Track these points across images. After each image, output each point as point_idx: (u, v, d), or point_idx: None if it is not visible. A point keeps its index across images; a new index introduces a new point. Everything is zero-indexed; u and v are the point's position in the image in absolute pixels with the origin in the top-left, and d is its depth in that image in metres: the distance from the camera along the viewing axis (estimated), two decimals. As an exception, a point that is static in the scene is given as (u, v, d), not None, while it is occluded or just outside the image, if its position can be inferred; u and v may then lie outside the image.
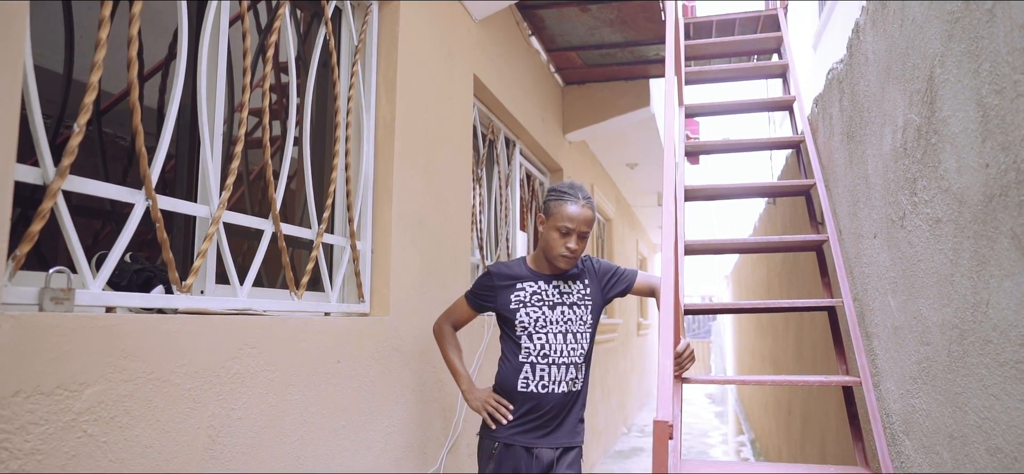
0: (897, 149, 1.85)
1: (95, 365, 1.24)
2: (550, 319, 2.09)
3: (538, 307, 2.10)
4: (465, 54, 3.14)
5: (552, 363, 2.07)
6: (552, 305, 2.11)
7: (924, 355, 1.67)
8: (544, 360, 2.07)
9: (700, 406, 11.61)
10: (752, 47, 4.13)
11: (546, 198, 2.11)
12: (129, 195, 1.45)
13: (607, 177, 7.34)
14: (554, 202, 2.06)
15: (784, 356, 4.75)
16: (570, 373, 2.09)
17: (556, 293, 2.12)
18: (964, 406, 1.43)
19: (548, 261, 2.12)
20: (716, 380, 2.25)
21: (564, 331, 2.10)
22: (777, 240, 2.80)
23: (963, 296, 1.42)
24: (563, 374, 2.08)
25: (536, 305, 2.10)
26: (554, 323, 2.09)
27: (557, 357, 2.07)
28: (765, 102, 3.53)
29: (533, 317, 2.09)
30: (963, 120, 1.39)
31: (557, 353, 2.08)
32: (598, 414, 6.43)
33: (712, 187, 3.03)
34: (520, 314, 2.10)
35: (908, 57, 1.74)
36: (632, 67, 4.86)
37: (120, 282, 1.49)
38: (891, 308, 1.93)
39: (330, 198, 2.21)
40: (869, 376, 2.10)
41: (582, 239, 2.06)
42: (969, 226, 1.38)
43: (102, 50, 1.34)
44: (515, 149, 4.28)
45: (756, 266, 6.81)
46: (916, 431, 1.75)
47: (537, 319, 2.09)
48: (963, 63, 1.38)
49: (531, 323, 2.09)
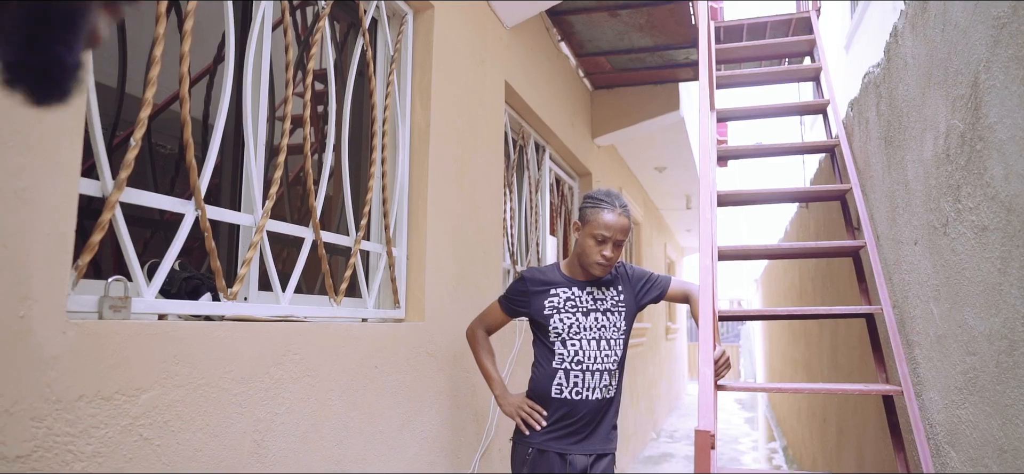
0: (939, 155, 1.82)
1: (150, 371, 1.28)
2: (584, 325, 2.10)
3: (572, 313, 2.10)
4: (497, 61, 3.16)
5: (586, 369, 2.07)
6: (586, 311, 2.11)
7: (970, 365, 1.65)
8: (578, 366, 2.07)
9: (730, 412, 11.47)
10: (784, 50, 4.09)
11: (582, 205, 2.12)
12: (180, 205, 1.49)
13: (635, 180, 7.31)
14: (590, 209, 2.07)
15: (818, 362, 4.68)
16: (604, 380, 2.09)
17: (590, 299, 2.13)
18: (1014, 418, 1.41)
19: (583, 268, 2.13)
20: (754, 387, 2.23)
21: (598, 337, 2.10)
22: (813, 246, 2.77)
23: (1013, 306, 1.39)
24: (597, 381, 2.08)
25: (570, 311, 2.11)
26: (588, 329, 2.09)
27: (591, 364, 2.08)
28: (799, 106, 3.49)
29: (567, 323, 2.10)
30: (1011, 127, 1.37)
31: (591, 359, 2.08)
32: (627, 419, 6.40)
33: (745, 192, 3.01)
34: (554, 320, 2.10)
35: (950, 62, 1.72)
36: (661, 71, 4.84)
37: (170, 290, 1.54)
38: (934, 316, 1.90)
39: (367, 205, 2.25)
40: (911, 385, 2.06)
41: (617, 247, 2.06)
42: (1019, 234, 1.36)
43: (157, 67, 1.39)
44: (545, 154, 4.29)
45: (788, 270, 6.72)
46: (962, 443, 1.72)
47: (571, 325, 2.09)
48: (1011, 68, 1.36)
49: (565, 329, 2.09)
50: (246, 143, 1.71)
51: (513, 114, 3.70)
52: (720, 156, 3.29)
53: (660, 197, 8.44)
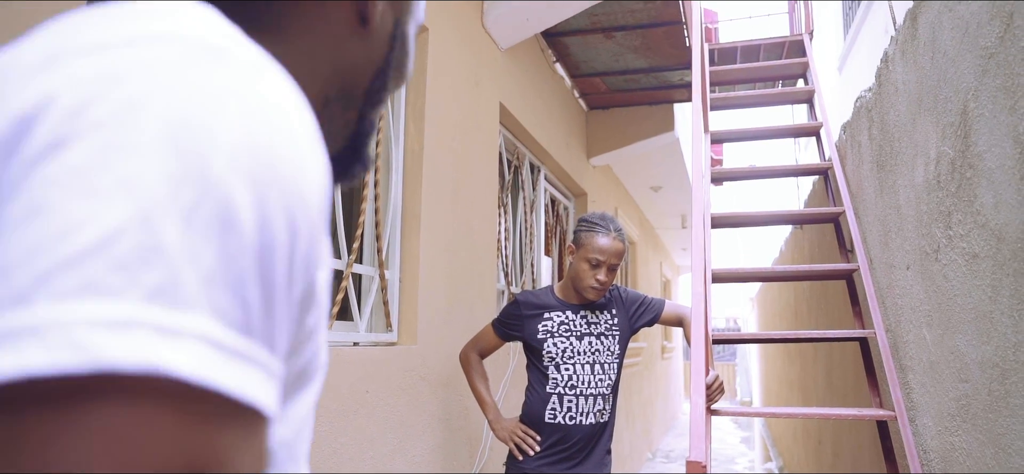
0: (930, 181, 1.83)
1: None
2: (578, 350, 2.09)
3: (566, 337, 2.09)
4: (491, 82, 3.17)
5: (579, 394, 2.06)
6: (580, 336, 2.10)
7: (963, 392, 1.64)
8: (571, 391, 2.06)
9: (726, 432, 11.43)
10: (777, 73, 4.12)
11: (577, 228, 2.12)
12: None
13: (631, 200, 7.33)
14: (585, 233, 2.07)
15: (813, 384, 4.67)
16: (598, 404, 2.08)
17: (584, 323, 2.12)
18: (1007, 447, 1.40)
19: (576, 291, 2.13)
20: (747, 413, 2.22)
21: (592, 362, 2.09)
22: (806, 269, 2.77)
23: (1004, 334, 1.39)
24: (591, 405, 2.07)
25: (564, 336, 2.10)
26: (582, 354, 2.08)
27: (585, 388, 2.07)
28: (792, 128, 3.51)
29: (561, 347, 2.09)
30: (999, 156, 1.38)
31: (585, 384, 2.07)
32: (623, 439, 6.36)
33: (739, 215, 3.02)
34: (548, 344, 2.09)
35: (940, 89, 1.73)
36: (656, 92, 4.87)
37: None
38: (926, 342, 1.90)
39: (360, 228, 2.24)
40: (904, 411, 2.06)
41: (612, 271, 2.06)
42: (1008, 263, 1.36)
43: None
44: (540, 174, 4.30)
45: (783, 291, 6.72)
46: (955, 469, 1.71)
47: (565, 350, 2.08)
48: (998, 99, 1.37)
49: (559, 354, 2.08)
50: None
51: (508, 135, 3.71)
52: (714, 177, 3.29)
53: (656, 217, 8.46)
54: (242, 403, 0.26)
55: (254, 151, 0.27)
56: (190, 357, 0.24)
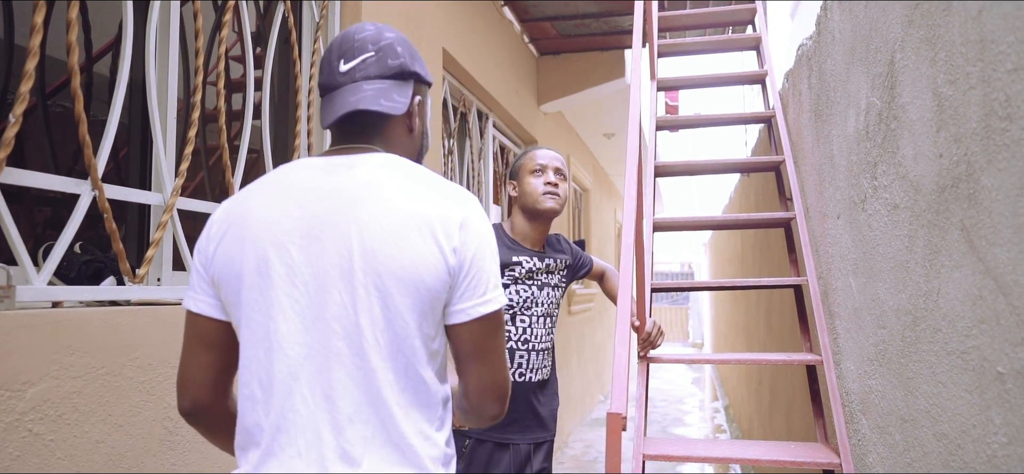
0: (860, 131, 1.85)
1: (39, 363, 1.21)
2: (537, 300, 1.95)
3: (529, 286, 1.93)
4: (433, 27, 3.07)
5: (531, 349, 1.92)
6: (541, 285, 1.96)
7: (880, 338, 1.70)
8: (524, 346, 1.91)
9: (678, 373, 11.79)
10: (727, 18, 4.09)
11: (512, 166, 2.05)
12: (74, 186, 1.40)
13: (584, 147, 7.32)
14: (520, 158, 2.03)
15: (756, 328, 4.82)
16: (545, 360, 1.97)
17: (546, 273, 1.98)
18: (915, 391, 1.46)
19: (533, 222, 1.97)
20: (683, 359, 2.27)
21: (545, 314, 1.97)
22: (746, 217, 2.81)
23: (917, 283, 1.43)
24: (539, 361, 1.95)
25: (527, 283, 1.93)
26: (540, 305, 1.95)
27: (536, 342, 1.94)
28: (737, 76, 3.51)
29: (523, 296, 1.92)
30: (920, 108, 1.39)
31: (536, 338, 1.94)
32: (574, 383, 6.50)
33: (683, 164, 3.03)
34: (511, 291, 1.91)
35: (871, 39, 1.74)
36: (607, 37, 4.81)
37: (69, 274, 1.45)
38: (852, 289, 1.95)
39: (292, 179, 2.17)
40: (831, 355, 2.13)
41: (559, 176, 1.97)
42: (923, 214, 1.39)
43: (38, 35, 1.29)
44: (488, 122, 4.24)
45: (731, 237, 6.87)
46: (872, 411, 1.78)
47: (526, 299, 1.93)
48: (921, 50, 1.38)
49: (520, 303, 1.92)
50: (151, 116, 1.62)
51: (453, 81, 3.63)
52: (660, 126, 3.29)
53: (609, 163, 8.49)
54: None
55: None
56: None
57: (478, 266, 0.94)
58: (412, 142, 1.07)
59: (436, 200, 0.94)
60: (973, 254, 1.16)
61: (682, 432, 6.67)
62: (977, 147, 1.14)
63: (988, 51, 1.10)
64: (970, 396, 1.19)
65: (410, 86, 1.04)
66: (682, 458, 1.95)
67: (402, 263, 0.89)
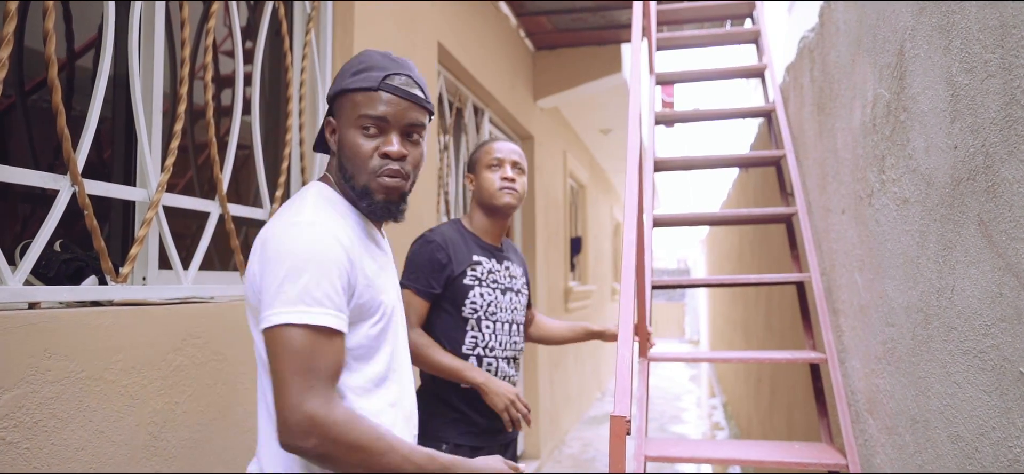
0: (866, 124, 1.80)
1: (13, 367, 1.15)
2: (501, 305, 1.84)
3: (492, 289, 1.84)
4: (428, 21, 3.02)
5: (499, 357, 1.83)
6: (503, 289, 1.86)
7: (889, 336, 1.65)
8: (490, 354, 1.81)
9: (675, 369, 11.77)
10: (725, 12, 4.04)
11: (469, 158, 1.97)
12: (52, 181, 1.34)
13: (581, 143, 7.27)
14: (476, 152, 1.94)
15: (755, 325, 4.77)
16: (513, 367, 1.87)
17: (507, 276, 1.89)
18: (927, 391, 1.41)
19: (491, 213, 1.87)
20: (685, 358, 2.22)
21: (510, 320, 1.86)
22: (746, 213, 2.76)
23: (929, 280, 1.39)
24: (508, 369, 1.84)
25: (490, 286, 1.83)
26: (504, 310, 1.85)
27: (503, 351, 1.84)
28: (736, 70, 3.46)
29: (487, 300, 1.82)
30: (932, 98, 1.34)
31: (503, 346, 1.83)
32: (571, 381, 6.46)
33: (682, 159, 2.98)
34: (474, 294, 1.80)
35: (878, 29, 1.69)
36: (604, 31, 4.76)
37: (48, 274, 1.39)
38: (858, 286, 1.91)
39: (284, 175, 2.11)
40: (835, 353, 2.08)
41: (517, 169, 1.88)
42: (936, 209, 1.34)
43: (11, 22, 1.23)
44: (484, 117, 4.18)
45: (728, 234, 6.83)
46: (880, 411, 1.74)
47: (490, 303, 1.82)
48: (934, 39, 1.33)
49: (484, 307, 1.81)
50: (135, 109, 1.56)
51: (449, 76, 3.57)
52: (657, 120, 3.24)
53: (606, 159, 8.44)
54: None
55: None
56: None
57: (264, 283, 1.01)
58: (338, 162, 1.17)
59: (270, 222, 1.09)
60: (992, 249, 1.11)
61: (680, 430, 6.63)
62: (996, 137, 1.09)
63: (1009, 37, 1.05)
64: (989, 397, 1.14)
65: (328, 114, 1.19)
66: (685, 459, 1.91)
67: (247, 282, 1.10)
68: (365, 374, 1.09)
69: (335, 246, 1.03)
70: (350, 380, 1.07)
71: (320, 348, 0.98)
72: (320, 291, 0.98)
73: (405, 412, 1.17)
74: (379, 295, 1.12)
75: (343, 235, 1.06)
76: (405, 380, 1.19)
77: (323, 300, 0.99)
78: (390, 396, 1.13)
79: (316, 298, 0.98)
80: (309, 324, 0.97)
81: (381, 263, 1.17)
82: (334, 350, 1.00)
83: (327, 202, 1.12)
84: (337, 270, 1.01)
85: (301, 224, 1.04)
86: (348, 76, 1.13)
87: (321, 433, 0.95)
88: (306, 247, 1.00)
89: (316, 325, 0.97)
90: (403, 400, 1.17)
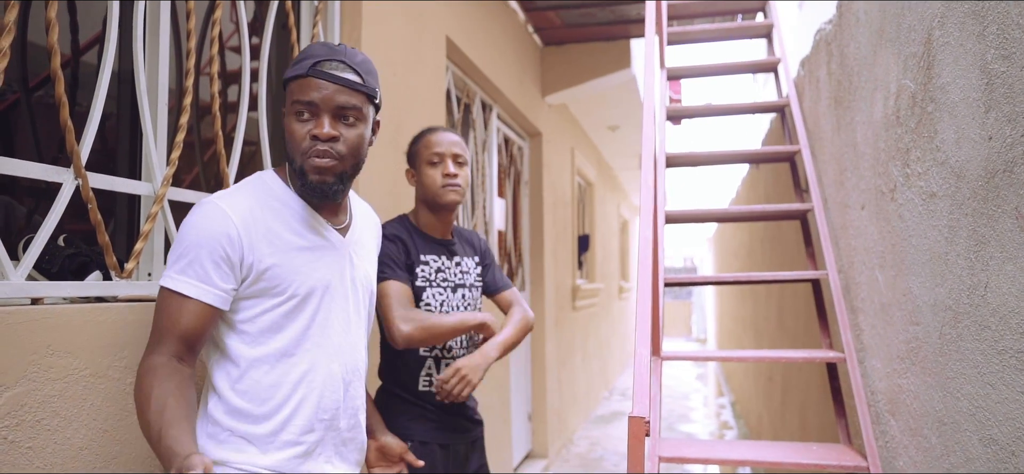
0: (889, 117, 1.75)
1: (15, 365, 1.12)
2: (453, 303, 1.81)
3: (443, 288, 1.80)
4: (436, 16, 2.98)
5: (456, 355, 1.79)
6: (454, 287, 1.83)
7: (913, 335, 1.60)
8: (448, 354, 1.78)
9: (681, 367, 11.71)
10: (736, 7, 3.99)
11: (409, 149, 1.90)
12: (55, 174, 1.31)
13: (588, 140, 7.22)
14: (416, 144, 1.85)
15: (766, 324, 4.72)
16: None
17: (458, 272, 1.86)
18: (956, 392, 1.36)
19: (437, 216, 1.83)
20: (698, 357, 2.18)
21: None
22: (760, 209, 2.71)
23: (958, 277, 1.34)
24: None
25: (441, 286, 1.80)
26: (457, 309, 1.82)
27: (461, 349, 1.80)
28: (749, 64, 3.42)
29: (439, 300, 1.79)
30: (964, 87, 1.29)
31: (460, 344, 1.80)
32: (578, 380, 6.42)
33: (693, 154, 2.93)
34: (426, 295, 1.77)
35: (903, 17, 1.64)
36: (613, 27, 4.71)
37: (51, 269, 1.36)
38: (879, 283, 1.86)
39: (291, 170, 2.07)
40: (854, 352, 2.03)
41: (458, 163, 1.80)
42: (967, 202, 1.29)
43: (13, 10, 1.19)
44: (492, 113, 4.14)
45: (738, 231, 6.77)
46: (903, 412, 1.69)
47: (442, 304, 1.79)
48: (966, 25, 1.28)
49: (437, 307, 1.78)
50: (139, 101, 1.52)
51: (457, 71, 3.53)
52: (669, 115, 3.19)
53: (613, 157, 8.39)
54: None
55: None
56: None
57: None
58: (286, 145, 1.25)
59: None
60: (1030, 244, 1.07)
61: (688, 429, 6.58)
62: (1036, 127, 1.04)
63: (1051, 21, 1.00)
64: (1026, 399, 1.10)
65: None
66: (700, 460, 1.86)
67: None
68: (268, 347, 1.20)
69: (222, 224, 1.14)
70: (250, 351, 1.19)
71: (174, 311, 1.12)
72: (185, 261, 1.13)
73: (318, 384, 1.25)
74: (292, 276, 1.20)
75: (240, 216, 1.16)
76: (323, 357, 1.26)
77: (186, 269, 1.13)
78: (296, 372, 1.22)
79: (181, 268, 1.13)
80: (171, 288, 1.13)
81: (315, 248, 1.25)
82: (188, 313, 1.12)
83: (254, 187, 1.22)
84: (215, 245, 1.13)
85: (204, 204, 1.17)
86: (296, 64, 1.22)
87: (135, 382, 1.12)
88: (193, 223, 1.14)
89: (173, 290, 1.12)
90: (315, 374, 1.24)
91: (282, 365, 1.21)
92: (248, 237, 1.16)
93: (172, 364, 1.11)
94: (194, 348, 1.15)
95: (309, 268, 1.23)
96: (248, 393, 1.19)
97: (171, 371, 1.10)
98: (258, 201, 1.21)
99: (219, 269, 1.14)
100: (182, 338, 1.13)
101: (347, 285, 1.30)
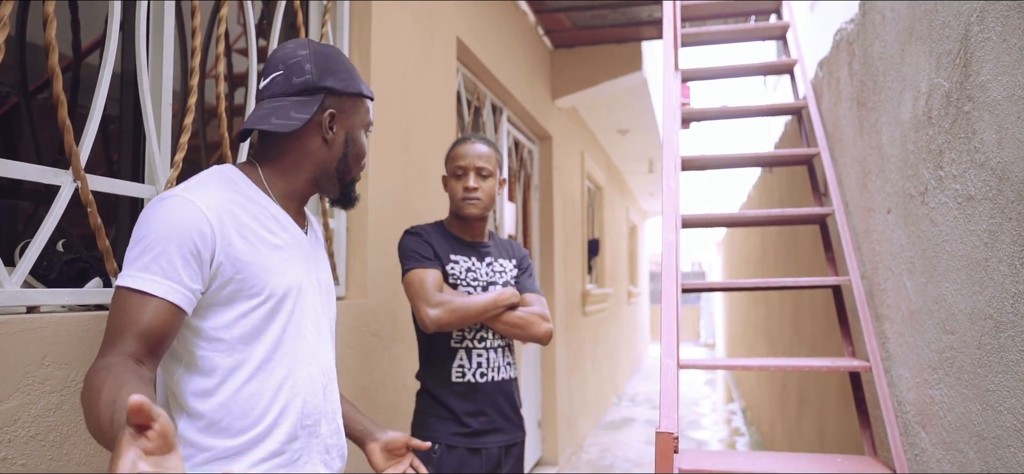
0: (919, 117, 1.68)
1: (9, 377, 1.07)
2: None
3: (473, 287, 1.86)
4: (447, 16, 2.92)
5: (488, 347, 1.86)
6: (485, 285, 1.88)
7: (947, 344, 1.53)
8: (480, 343, 1.85)
9: (689, 372, 11.60)
10: (750, 8, 3.92)
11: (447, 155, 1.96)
12: (53, 176, 1.26)
13: (598, 144, 7.16)
14: (448, 152, 1.93)
15: (780, 330, 4.64)
16: (507, 357, 1.91)
17: (489, 271, 1.91)
18: (998, 405, 1.29)
19: (463, 222, 1.90)
20: (718, 365, 2.11)
21: None
22: (779, 213, 2.64)
23: (1000, 284, 1.27)
24: (501, 359, 1.88)
25: (471, 284, 1.87)
26: None
27: (494, 340, 1.87)
28: (765, 66, 3.34)
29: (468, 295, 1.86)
30: (1008, 85, 1.22)
31: (494, 335, 1.87)
32: (588, 385, 6.34)
33: (710, 158, 2.86)
34: (461, 291, 1.86)
35: (936, 14, 1.57)
36: (624, 29, 4.65)
37: (49, 276, 1.31)
38: (907, 290, 1.79)
39: (298, 173, 2.02)
40: (879, 361, 1.96)
41: (481, 176, 1.86)
42: (1011, 206, 1.22)
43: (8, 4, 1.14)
44: (502, 116, 4.08)
45: (750, 235, 6.68)
46: (934, 424, 1.61)
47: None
48: (1010, 18, 1.21)
49: None
50: (142, 101, 1.47)
51: (467, 74, 3.48)
52: (684, 118, 3.12)
53: (623, 161, 8.32)
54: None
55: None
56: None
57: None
58: (330, 151, 1.20)
59: None
60: (1086, 250, 1.00)
61: (699, 436, 6.49)
62: (1093, 125, 0.98)
63: (1111, 11, 0.93)
64: (1082, 415, 1.02)
65: (316, 101, 1.16)
66: (722, 473, 1.79)
67: None
68: (245, 353, 1.09)
69: (195, 218, 1.03)
70: (226, 360, 1.08)
71: (133, 309, 0.98)
72: (150, 256, 1.00)
73: (301, 388, 1.15)
74: (267, 276, 1.11)
75: (214, 211, 1.06)
76: (302, 360, 1.17)
77: (151, 265, 1.00)
78: (275, 378, 1.12)
79: (144, 264, 1.00)
80: (130, 287, 0.99)
81: (287, 246, 1.16)
82: (151, 310, 0.99)
83: (219, 181, 1.12)
84: (186, 239, 1.02)
85: (168, 197, 1.06)
86: (360, 81, 1.23)
87: (83, 387, 0.96)
88: (159, 217, 1.02)
89: (134, 288, 0.99)
90: (295, 378, 1.15)
91: (262, 372, 1.11)
92: (223, 234, 1.06)
93: (128, 363, 0.95)
94: (155, 352, 1.00)
95: (283, 267, 1.14)
96: (226, 406, 1.07)
97: (128, 369, 0.94)
98: (227, 196, 1.10)
99: (189, 267, 1.01)
100: (142, 337, 0.97)
101: (315, 284, 1.23)
